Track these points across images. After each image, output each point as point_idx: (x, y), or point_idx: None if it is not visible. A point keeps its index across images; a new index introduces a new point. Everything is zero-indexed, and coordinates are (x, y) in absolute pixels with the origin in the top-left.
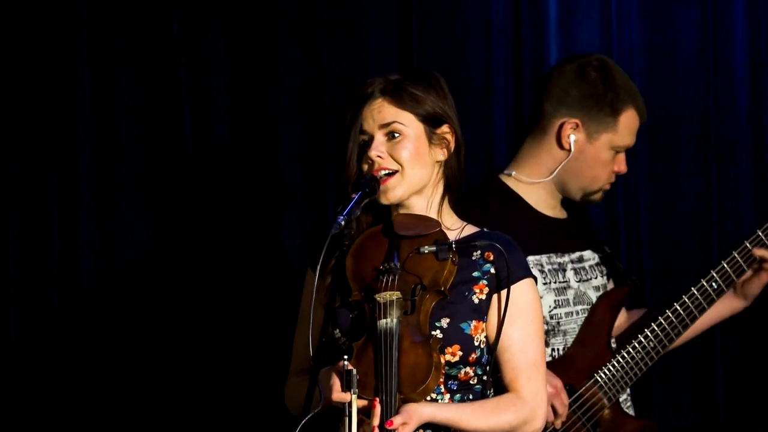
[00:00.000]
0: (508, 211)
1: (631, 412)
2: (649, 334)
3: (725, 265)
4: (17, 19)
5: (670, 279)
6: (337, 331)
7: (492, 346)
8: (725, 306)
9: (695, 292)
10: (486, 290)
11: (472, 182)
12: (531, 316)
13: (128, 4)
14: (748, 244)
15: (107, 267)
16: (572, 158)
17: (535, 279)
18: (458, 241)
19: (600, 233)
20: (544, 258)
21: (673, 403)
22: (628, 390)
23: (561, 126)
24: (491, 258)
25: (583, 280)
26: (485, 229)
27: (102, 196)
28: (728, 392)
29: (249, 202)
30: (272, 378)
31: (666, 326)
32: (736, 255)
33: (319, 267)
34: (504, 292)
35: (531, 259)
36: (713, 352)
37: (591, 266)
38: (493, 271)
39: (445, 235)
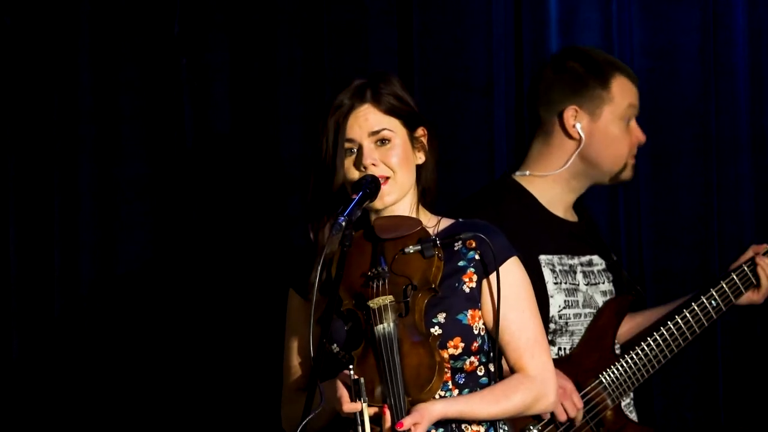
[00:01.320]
0: (521, 210)
1: (633, 416)
2: (651, 342)
3: (724, 286)
4: (18, 19)
5: (671, 279)
6: (335, 345)
7: (494, 332)
8: None
9: (695, 308)
10: (475, 278)
11: (474, 182)
12: (523, 294)
13: (129, 5)
14: (744, 267)
15: (108, 267)
16: (585, 145)
17: (520, 257)
18: (442, 237)
19: (601, 234)
20: (555, 258)
21: (674, 403)
22: (631, 395)
23: (562, 118)
24: (473, 245)
25: (591, 284)
26: (460, 219)
27: (103, 197)
28: (729, 393)
29: (250, 203)
30: (272, 378)
31: (667, 337)
32: (735, 276)
33: (319, 268)
34: (493, 277)
35: (543, 258)
36: (714, 353)
37: (599, 271)
38: (477, 257)
39: (427, 232)
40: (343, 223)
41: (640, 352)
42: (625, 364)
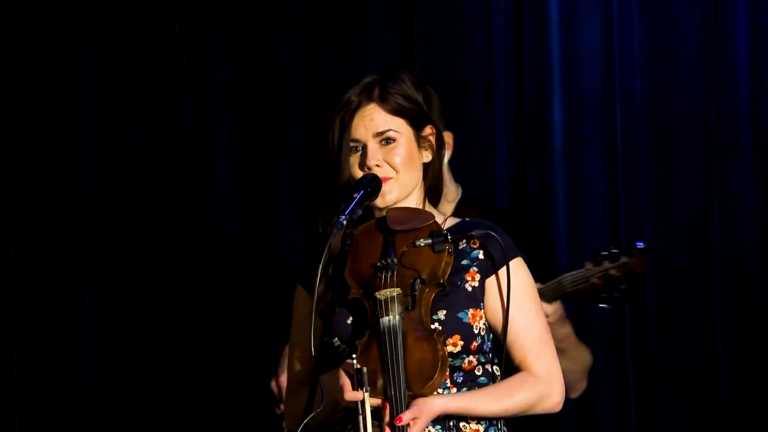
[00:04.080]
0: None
1: None
2: None
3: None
4: (19, 19)
5: (671, 279)
6: (336, 339)
7: (502, 333)
8: None
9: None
10: (477, 277)
11: (474, 182)
12: (528, 294)
13: (130, 4)
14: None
15: (109, 266)
16: None
17: (524, 258)
18: (453, 232)
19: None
20: None
21: (675, 402)
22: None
23: None
24: (477, 244)
25: None
26: (466, 219)
27: (103, 196)
28: (730, 391)
29: (250, 202)
30: (271, 378)
31: None
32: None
33: (321, 267)
34: (501, 273)
35: None
36: (715, 352)
37: None
38: (482, 256)
39: (439, 226)
40: (344, 222)
41: None
42: None
